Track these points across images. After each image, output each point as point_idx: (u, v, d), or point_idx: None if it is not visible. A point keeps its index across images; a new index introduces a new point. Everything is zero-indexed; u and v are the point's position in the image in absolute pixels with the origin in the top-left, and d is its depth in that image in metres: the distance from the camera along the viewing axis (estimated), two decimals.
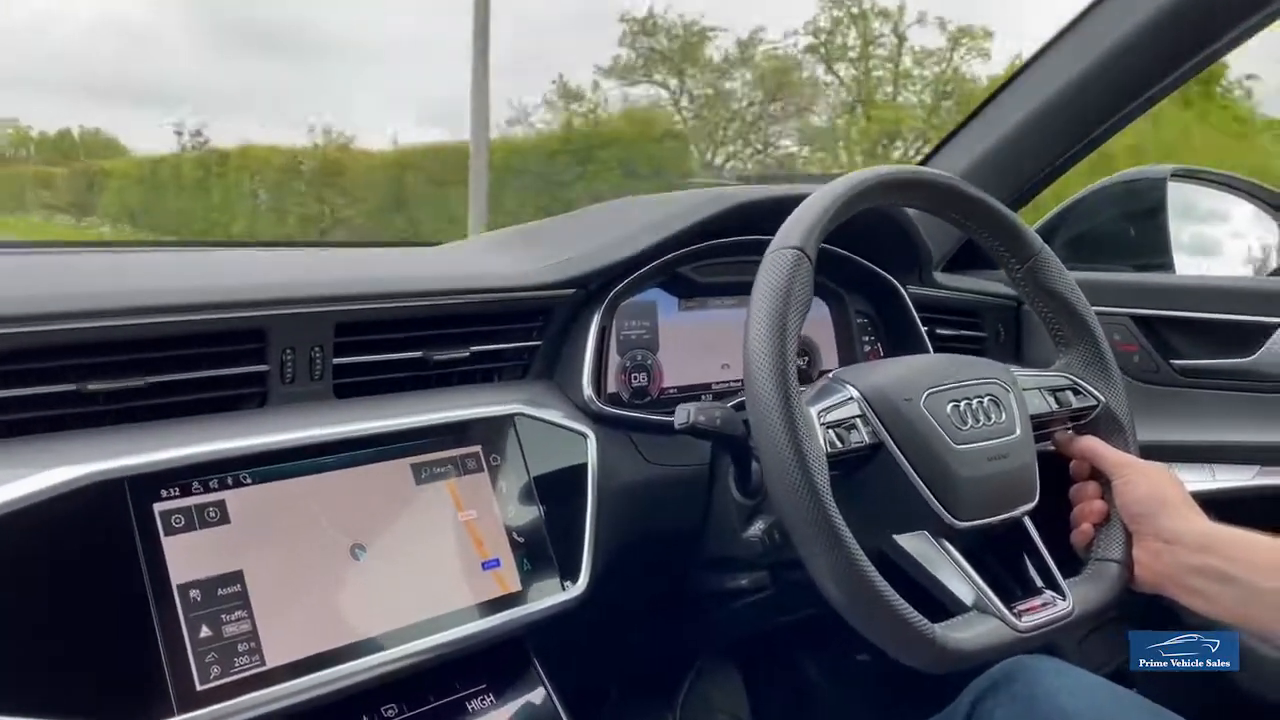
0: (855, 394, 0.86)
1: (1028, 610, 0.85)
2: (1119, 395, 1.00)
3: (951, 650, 0.78)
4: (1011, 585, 0.89)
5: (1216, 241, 1.59)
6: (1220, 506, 1.27)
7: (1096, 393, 1.00)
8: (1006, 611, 0.83)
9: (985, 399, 0.90)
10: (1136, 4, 1.20)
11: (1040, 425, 0.96)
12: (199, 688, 0.72)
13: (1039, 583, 0.89)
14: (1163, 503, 0.90)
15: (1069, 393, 0.99)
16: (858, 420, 0.85)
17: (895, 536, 0.86)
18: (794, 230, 0.84)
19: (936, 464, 0.85)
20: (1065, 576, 0.90)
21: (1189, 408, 1.32)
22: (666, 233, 1.10)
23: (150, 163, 18.69)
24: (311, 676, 0.77)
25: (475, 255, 1.24)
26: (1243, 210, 1.57)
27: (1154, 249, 1.46)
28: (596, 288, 1.08)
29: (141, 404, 0.83)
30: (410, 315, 0.97)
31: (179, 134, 18.50)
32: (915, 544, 0.86)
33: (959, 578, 0.84)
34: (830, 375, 0.91)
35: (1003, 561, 0.90)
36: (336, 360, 0.92)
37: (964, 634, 0.80)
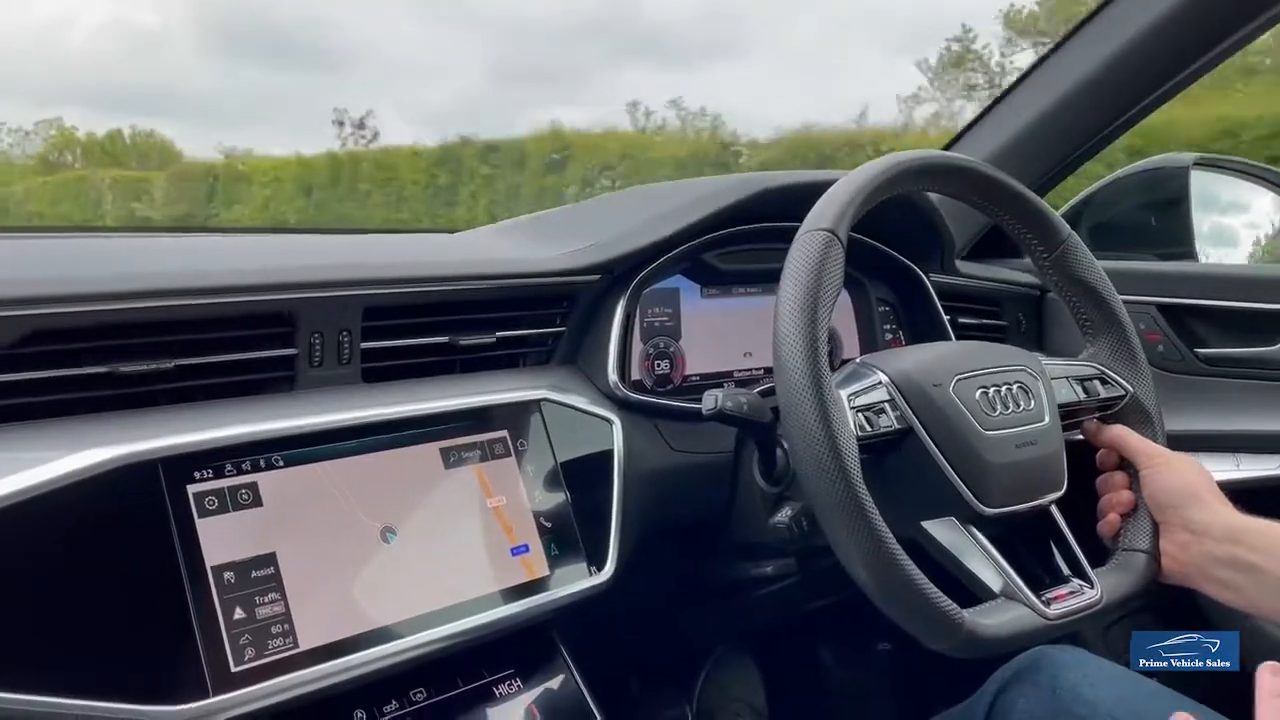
0: (884, 378, 0.86)
1: (1055, 598, 0.85)
2: (1147, 385, 1.00)
3: (980, 636, 0.78)
4: (1039, 573, 0.88)
5: (1239, 230, 1.58)
6: (1245, 496, 1.27)
7: (1125, 382, 0.99)
8: (1035, 599, 0.83)
9: (1014, 386, 0.90)
10: None
11: (1068, 414, 0.95)
12: (234, 669, 0.72)
13: (1066, 571, 0.89)
14: (1190, 494, 0.89)
15: (1097, 382, 0.98)
16: (886, 405, 0.85)
17: (923, 523, 0.86)
18: (826, 212, 0.84)
19: (965, 449, 0.85)
20: (1093, 566, 0.90)
21: (1214, 397, 1.32)
22: (691, 218, 1.10)
23: (303, 163, 16.70)
24: (343, 660, 0.77)
25: (500, 241, 1.23)
26: (1265, 198, 1.56)
27: (1177, 237, 1.45)
28: (621, 273, 1.08)
29: (170, 387, 0.83)
30: (437, 300, 0.97)
31: (339, 124, 17.17)
32: (943, 530, 0.85)
33: (987, 564, 0.84)
34: (858, 360, 0.90)
35: (1030, 549, 0.90)
36: (364, 344, 0.92)
37: (992, 620, 0.80)
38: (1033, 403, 0.90)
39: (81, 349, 0.78)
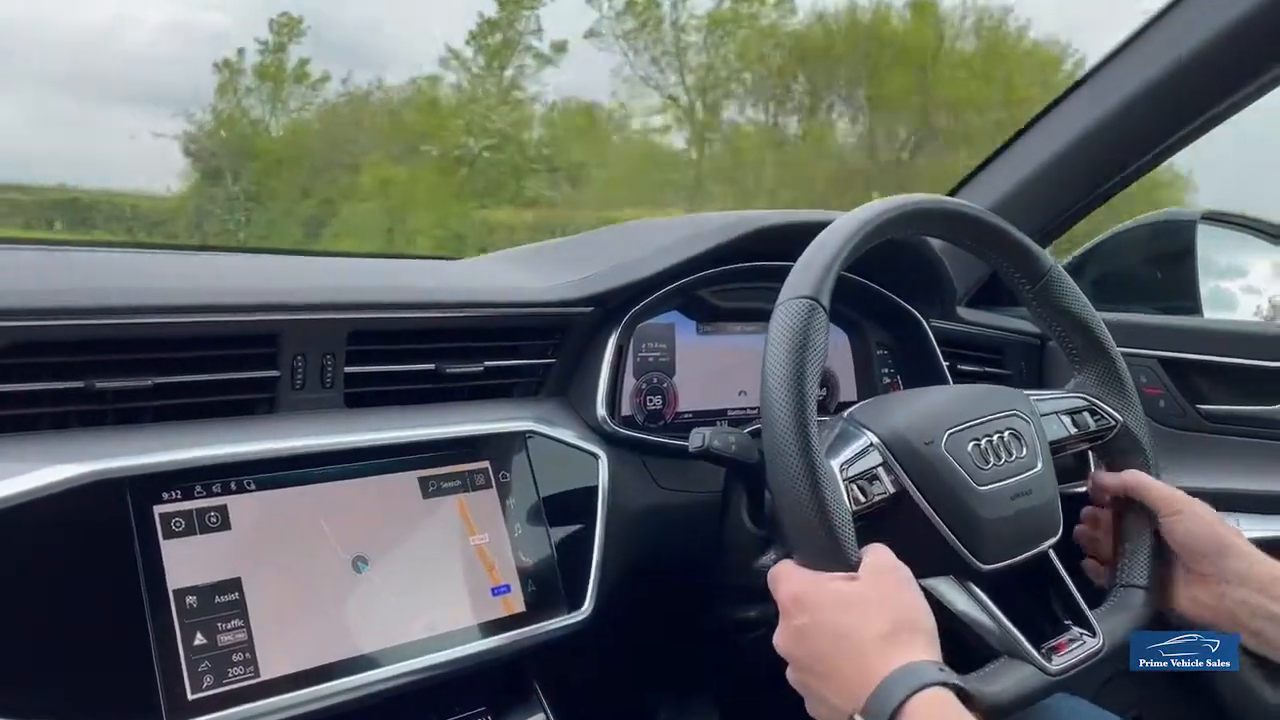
0: (874, 439, 0.83)
1: (1057, 649, 0.83)
2: (1137, 414, 0.98)
3: (986, 704, 0.76)
4: (1039, 621, 0.87)
5: (1245, 287, 1.57)
6: None
7: (1114, 412, 0.98)
8: (1036, 654, 0.81)
9: (1006, 433, 0.88)
10: (1170, 42, 1.19)
11: (1058, 450, 0.94)
12: (190, 697, 0.70)
13: (1066, 619, 0.88)
14: (1224, 543, 0.88)
15: (1086, 414, 0.97)
16: (879, 469, 0.82)
17: (921, 581, 0.84)
18: (804, 278, 0.80)
19: (960, 508, 0.83)
20: (1092, 607, 0.89)
21: (1215, 454, 1.29)
22: (687, 254, 1.09)
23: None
24: (307, 690, 0.75)
25: (493, 270, 1.23)
26: (1273, 255, 1.55)
27: (1182, 291, 1.44)
28: (615, 307, 1.07)
29: (148, 405, 0.81)
30: (425, 327, 0.96)
31: None
32: (940, 588, 0.83)
33: (987, 621, 0.82)
34: (846, 416, 0.88)
35: (1029, 596, 0.88)
36: (348, 369, 0.91)
37: (996, 686, 0.78)
38: (1025, 450, 0.88)
39: (60, 363, 0.77)
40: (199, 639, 0.72)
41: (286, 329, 0.86)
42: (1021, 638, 0.82)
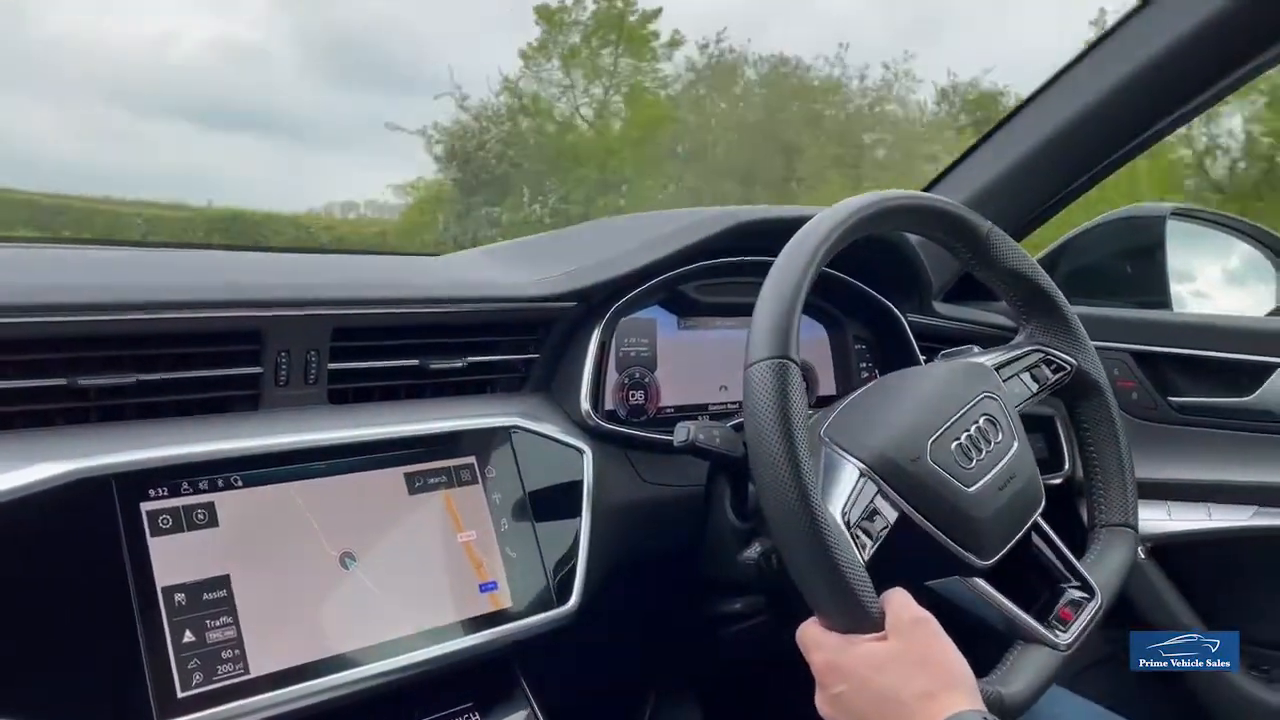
0: (862, 466, 0.82)
1: (1062, 619, 0.87)
2: (1089, 354, 1.00)
3: (1013, 703, 0.79)
4: (1038, 589, 0.90)
5: (1213, 281, 1.59)
6: (1216, 547, 1.28)
7: (1067, 356, 0.99)
8: (1046, 632, 0.85)
9: (981, 420, 0.88)
10: (1144, 39, 1.20)
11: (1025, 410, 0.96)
12: (180, 694, 0.70)
13: (1062, 581, 0.91)
14: None
15: (1042, 366, 0.99)
16: (877, 499, 0.81)
17: (928, 583, 0.86)
18: (768, 337, 0.78)
19: (956, 516, 0.83)
20: (1080, 556, 0.92)
21: (1186, 446, 1.32)
22: (669, 249, 1.09)
23: None
24: (296, 687, 0.75)
25: (476, 265, 1.22)
26: (1240, 250, 1.57)
27: (1153, 285, 1.46)
28: (597, 302, 1.07)
29: (132, 402, 0.81)
30: (408, 323, 0.95)
31: None
32: (946, 590, 0.85)
33: (994, 612, 0.85)
34: (825, 438, 0.86)
35: (1024, 567, 0.90)
36: (332, 365, 0.91)
37: (1019, 684, 0.81)
38: (1001, 433, 0.89)
39: (42, 360, 0.76)
40: (188, 636, 0.71)
41: (270, 325, 0.86)
42: (1029, 619, 0.85)
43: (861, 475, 0.82)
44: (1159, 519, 1.29)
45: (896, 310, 1.32)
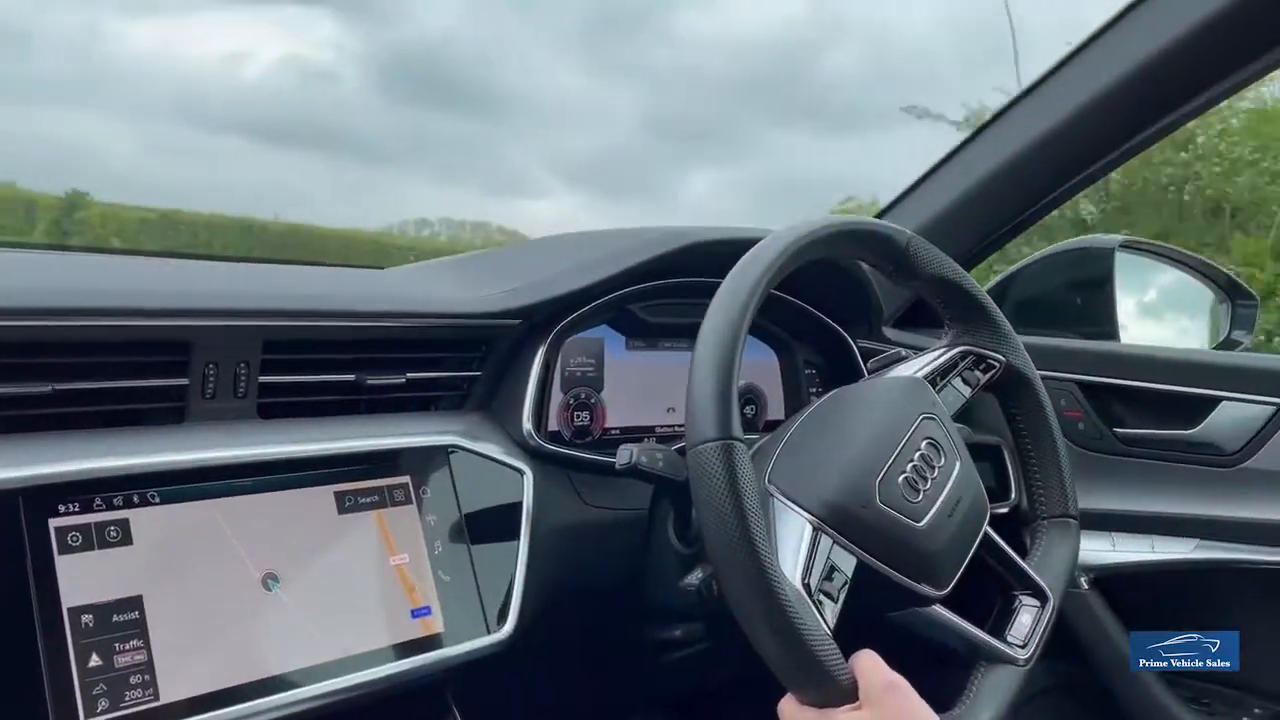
0: (812, 520, 0.79)
1: (1015, 630, 0.89)
2: (1019, 352, 1.00)
3: None
4: (991, 597, 0.92)
5: (1160, 313, 1.61)
6: (1159, 579, 1.28)
7: (995, 353, 0.99)
8: (1005, 649, 0.86)
9: (924, 446, 0.87)
10: (1096, 70, 1.21)
11: (961, 415, 0.96)
12: None
13: (1012, 580, 0.92)
14: None
15: (973, 369, 0.98)
16: (834, 551, 0.79)
17: (887, 617, 0.86)
18: (708, 418, 0.76)
19: (911, 554, 0.82)
20: (1025, 554, 0.94)
21: (1131, 477, 1.32)
22: (616, 268, 1.07)
23: None
24: (208, 715, 0.72)
25: (418, 280, 1.20)
26: (1186, 284, 1.59)
27: (1100, 317, 1.47)
28: (542, 320, 1.05)
29: (47, 412, 0.77)
30: (344, 337, 0.93)
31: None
32: (905, 620, 0.85)
33: (953, 635, 0.86)
34: (770, 484, 0.82)
35: (977, 581, 0.90)
36: (263, 378, 0.88)
37: (985, 713, 0.82)
38: (944, 456, 0.88)
39: None
40: (94, 660, 0.68)
41: (199, 336, 0.83)
42: (988, 638, 0.86)
43: (815, 530, 0.79)
44: (1103, 550, 1.29)
45: (847, 335, 1.31)
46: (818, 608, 0.76)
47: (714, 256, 1.06)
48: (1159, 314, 1.60)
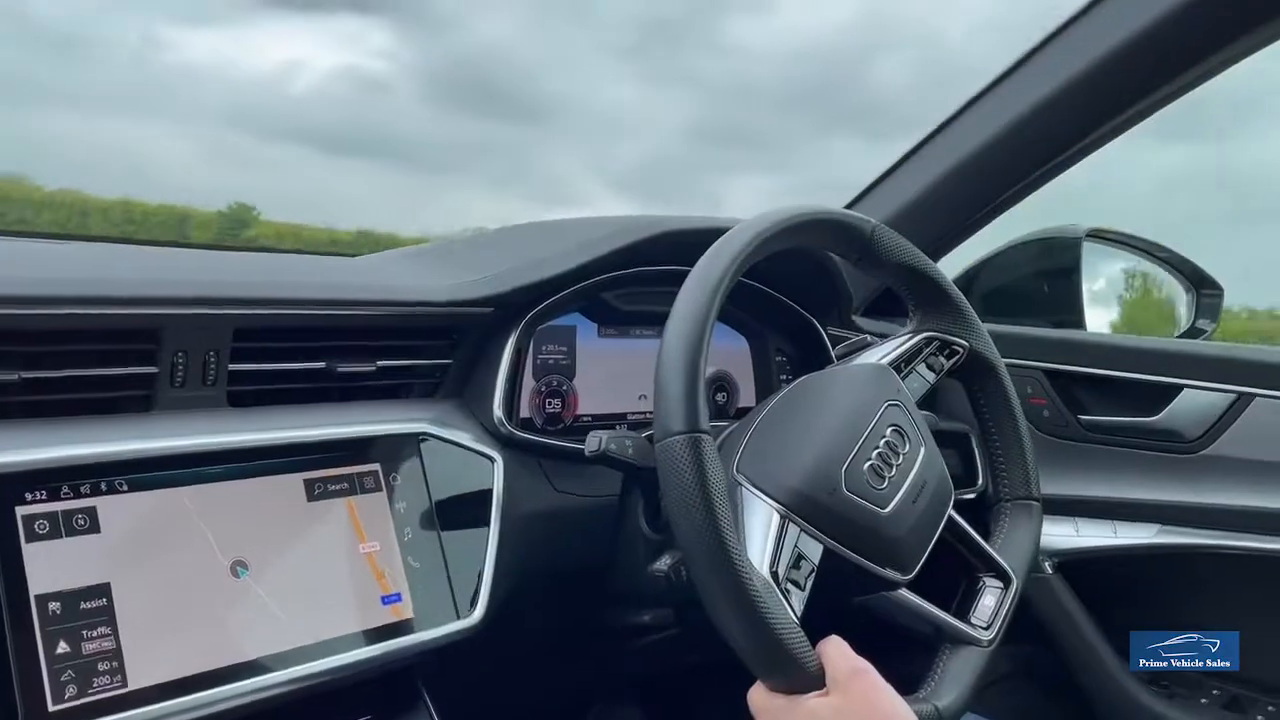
0: (780, 509, 0.80)
1: (979, 612, 0.91)
2: (982, 338, 1.01)
3: (949, 714, 0.81)
4: (956, 579, 0.93)
5: (1120, 300, 1.63)
6: (1121, 564, 1.30)
7: (959, 339, 1.00)
8: (970, 631, 0.88)
9: (889, 432, 0.88)
10: (1063, 60, 1.23)
11: (926, 402, 0.98)
12: (51, 708, 0.67)
13: (977, 562, 0.94)
14: None
15: (936, 355, 1.00)
16: (800, 539, 0.80)
17: (855, 600, 0.88)
18: (675, 409, 0.76)
19: (877, 540, 0.84)
20: (989, 535, 0.95)
21: (1095, 463, 1.34)
22: (589, 256, 1.08)
23: None
24: (177, 700, 0.72)
25: (390, 268, 1.20)
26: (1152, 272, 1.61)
27: (1067, 305, 1.49)
28: (514, 308, 1.05)
29: (15, 400, 0.77)
30: (315, 324, 0.93)
31: None
32: (872, 605, 0.87)
33: (919, 618, 0.87)
34: (738, 474, 0.83)
35: (941, 563, 0.90)
36: (233, 366, 0.88)
37: (951, 695, 0.83)
38: (908, 442, 0.89)
39: None
40: (62, 647, 0.68)
41: (168, 324, 0.83)
42: (953, 620, 0.88)
43: (782, 518, 0.80)
44: (1067, 535, 1.31)
45: (817, 323, 1.32)
46: (785, 596, 0.77)
47: (685, 245, 1.07)
48: (1120, 300, 1.62)
